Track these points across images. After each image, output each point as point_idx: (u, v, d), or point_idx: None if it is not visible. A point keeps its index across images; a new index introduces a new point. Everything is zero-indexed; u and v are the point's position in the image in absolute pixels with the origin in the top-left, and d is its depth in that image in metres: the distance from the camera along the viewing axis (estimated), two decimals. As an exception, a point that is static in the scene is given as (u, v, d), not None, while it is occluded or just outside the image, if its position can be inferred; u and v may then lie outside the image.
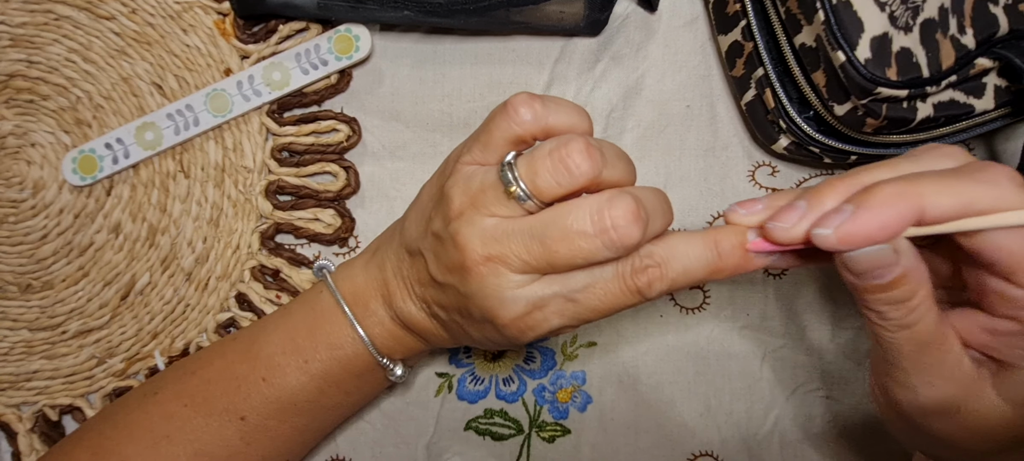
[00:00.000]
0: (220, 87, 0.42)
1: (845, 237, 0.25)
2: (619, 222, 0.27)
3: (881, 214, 0.24)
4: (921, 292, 0.26)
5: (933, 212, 0.24)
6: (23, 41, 0.42)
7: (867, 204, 0.25)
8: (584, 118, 0.30)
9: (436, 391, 0.44)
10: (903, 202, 0.24)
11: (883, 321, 0.26)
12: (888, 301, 0.26)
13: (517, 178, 0.28)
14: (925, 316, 0.26)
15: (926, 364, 0.27)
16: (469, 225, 0.29)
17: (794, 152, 0.40)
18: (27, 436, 0.43)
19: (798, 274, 0.43)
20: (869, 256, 0.25)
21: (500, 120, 0.29)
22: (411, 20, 0.39)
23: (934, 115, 0.34)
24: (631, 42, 0.43)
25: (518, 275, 0.29)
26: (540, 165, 0.28)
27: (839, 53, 0.33)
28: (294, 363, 0.35)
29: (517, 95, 0.29)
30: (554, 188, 0.28)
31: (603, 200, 0.27)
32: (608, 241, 0.27)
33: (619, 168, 0.29)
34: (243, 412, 0.35)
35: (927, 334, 0.26)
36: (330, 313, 0.36)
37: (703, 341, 0.44)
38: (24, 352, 0.44)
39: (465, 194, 0.30)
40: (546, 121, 0.29)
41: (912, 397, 0.28)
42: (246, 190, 0.43)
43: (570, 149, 0.27)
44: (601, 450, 0.44)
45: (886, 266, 0.25)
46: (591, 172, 0.28)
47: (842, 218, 0.25)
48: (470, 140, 0.31)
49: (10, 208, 0.43)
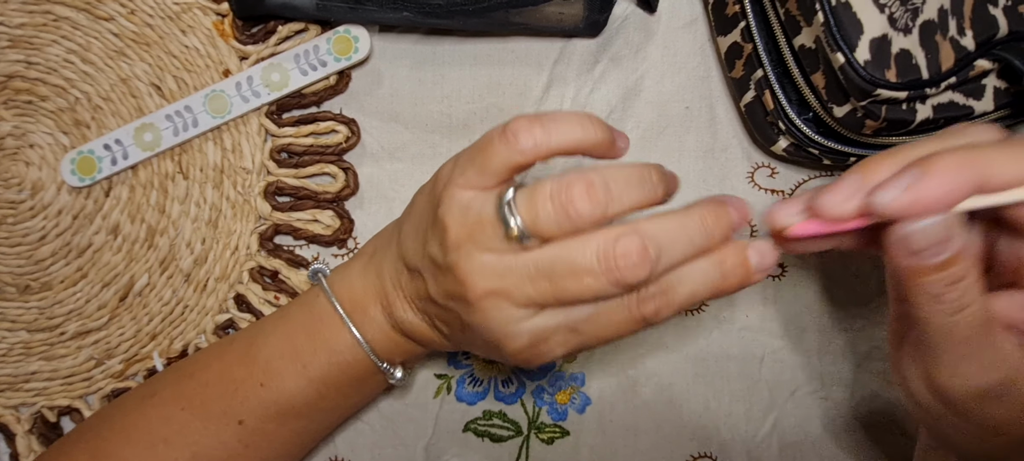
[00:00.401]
0: (219, 88, 0.42)
1: (912, 202, 0.24)
2: (624, 263, 0.26)
3: (947, 180, 0.24)
4: (974, 271, 0.25)
5: (996, 180, 0.24)
6: (22, 42, 0.42)
7: (932, 171, 0.24)
8: (587, 128, 0.29)
9: (435, 393, 0.44)
10: (968, 169, 0.24)
11: (939, 305, 0.25)
12: (946, 281, 0.25)
13: (518, 222, 0.27)
14: (978, 296, 0.25)
15: (981, 347, 0.26)
16: (468, 259, 0.28)
17: (793, 154, 0.40)
18: (25, 437, 0.43)
19: (799, 276, 0.43)
20: (931, 229, 0.24)
21: (499, 147, 0.28)
22: (410, 21, 0.39)
23: (933, 117, 0.34)
24: (630, 43, 0.43)
25: (522, 309, 0.29)
26: (541, 209, 0.27)
27: (838, 55, 0.33)
28: (293, 368, 0.35)
29: (517, 121, 0.28)
30: (556, 232, 0.27)
31: (610, 240, 0.27)
32: (615, 280, 0.27)
33: (630, 197, 0.28)
34: (241, 416, 0.35)
35: (981, 315, 0.26)
36: (328, 319, 0.35)
37: (702, 343, 0.44)
38: (22, 353, 0.44)
39: (462, 225, 0.29)
40: (548, 146, 0.28)
41: (960, 382, 0.27)
42: (245, 191, 0.43)
43: (572, 194, 0.26)
44: (600, 452, 0.44)
45: (945, 241, 0.24)
46: (594, 216, 0.27)
47: (906, 182, 0.24)
48: (465, 160, 0.29)
49: (8, 209, 0.43)
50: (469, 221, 0.28)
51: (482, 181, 0.29)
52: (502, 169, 0.28)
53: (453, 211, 0.29)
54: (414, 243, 0.32)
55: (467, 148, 0.30)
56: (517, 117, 0.28)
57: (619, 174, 0.28)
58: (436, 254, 0.30)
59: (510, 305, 0.29)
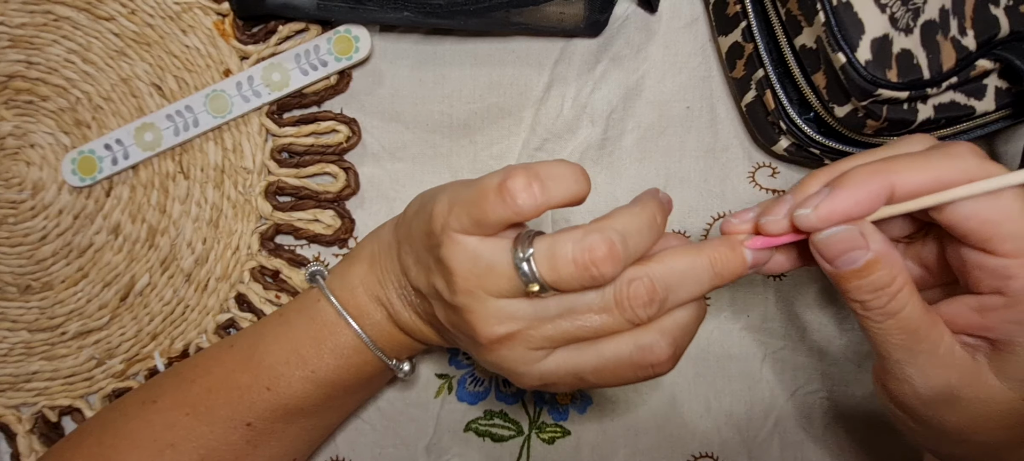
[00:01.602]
0: (219, 88, 0.42)
1: (823, 214, 0.26)
2: (636, 304, 0.28)
3: (855, 192, 0.26)
4: (899, 279, 0.27)
5: (903, 189, 0.26)
6: (22, 42, 0.42)
7: (842, 184, 0.26)
8: (581, 182, 0.28)
9: (436, 392, 0.44)
10: (875, 180, 0.26)
11: (867, 311, 0.27)
12: (868, 288, 0.27)
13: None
14: (908, 303, 0.27)
15: (918, 354, 0.27)
16: (482, 304, 0.29)
17: (794, 153, 0.40)
18: (26, 437, 0.43)
19: (799, 276, 0.43)
20: (838, 238, 0.26)
21: (496, 204, 0.27)
22: (411, 21, 0.39)
23: (935, 116, 0.34)
24: (631, 43, 0.43)
25: (535, 351, 0.29)
26: (563, 269, 0.27)
27: (840, 55, 0.33)
28: (300, 373, 0.35)
29: (515, 179, 0.27)
30: (577, 289, 0.28)
31: (623, 284, 0.28)
32: (628, 319, 0.28)
33: (643, 245, 0.28)
34: (248, 419, 0.35)
35: (913, 321, 0.27)
36: (333, 323, 0.35)
37: (703, 342, 0.44)
38: (23, 353, 0.44)
39: (471, 272, 0.28)
40: (546, 203, 0.28)
41: (908, 389, 0.28)
42: (246, 191, 0.43)
43: (596, 257, 0.27)
44: (601, 451, 0.44)
45: (856, 248, 0.26)
46: (616, 274, 0.28)
47: (820, 199, 0.26)
48: (460, 207, 0.28)
49: (9, 209, 0.43)
50: (479, 269, 0.28)
51: (480, 231, 0.28)
52: (498, 224, 0.28)
53: (458, 257, 0.28)
54: (417, 270, 0.32)
55: (462, 188, 0.29)
56: (514, 173, 0.27)
57: (632, 226, 0.28)
58: (443, 291, 0.30)
59: (524, 347, 0.29)
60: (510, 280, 0.28)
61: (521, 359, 0.29)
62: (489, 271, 0.28)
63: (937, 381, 0.27)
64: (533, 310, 0.29)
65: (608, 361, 0.29)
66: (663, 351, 0.29)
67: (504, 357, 0.29)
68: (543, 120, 0.43)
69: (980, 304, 0.27)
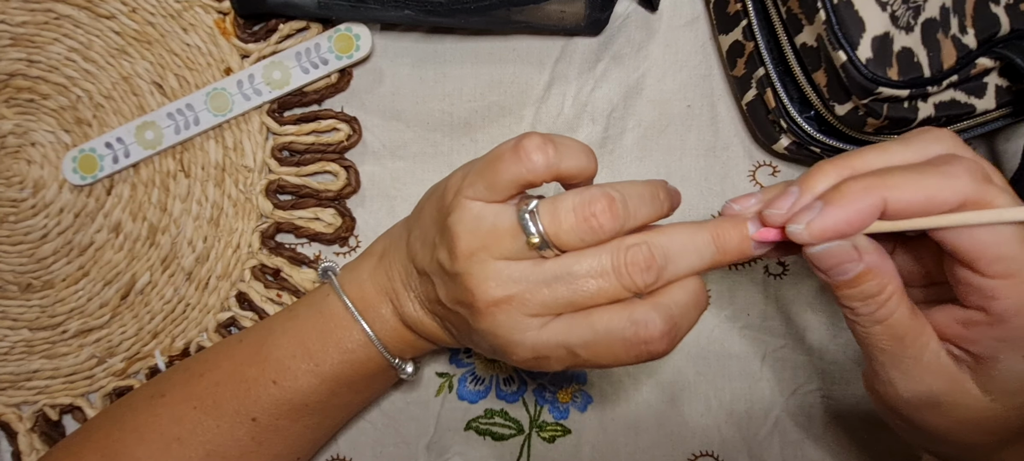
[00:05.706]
0: (220, 86, 0.42)
1: (816, 232, 0.26)
2: (634, 270, 0.28)
3: (847, 209, 0.26)
4: (889, 287, 0.27)
5: (895, 206, 0.26)
6: (23, 40, 0.42)
7: (834, 200, 0.26)
8: (592, 160, 0.30)
9: (437, 391, 0.44)
10: (868, 197, 0.26)
11: (855, 317, 0.28)
12: (858, 296, 0.27)
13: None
14: (896, 311, 0.27)
15: (903, 358, 0.28)
16: (481, 266, 0.29)
17: (795, 152, 0.40)
18: (27, 436, 0.43)
19: (799, 275, 0.43)
20: (831, 252, 0.27)
21: (510, 162, 0.29)
22: (412, 19, 0.39)
23: (935, 115, 0.34)
24: (632, 42, 0.43)
25: (531, 318, 0.29)
26: (564, 220, 0.28)
27: (840, 53, 0.33)
28: (305, 367, 0.35)
29: (530, 138, 0.29)
30: (577, 243, 0.28)
31: (621, 249, 0.28)
32: (626, 285, 0.28)
33: (643, 212, 0.29)
34: (254, 414, 0.35)
35: (900, 328, 0.27)
36: (340, 317, 0.35)
37: (704, 341, 0.44)
38: (24, 351, 0.44)
39: (474, 235, 0.29)
40: (558, 167, 0.29)
41: (892, 391, 0.29)
42: (246, 189, 0.43)
43: (595, 209, 0.28)
44: (601, 450, 0.44)
45: (848, 262, 0.26)
46: (614, 230, 0.28)
47: (813, 214, 0.26)
48: (474, 173, 0.30)
49: (10, 207, 0.43)
50: (482, 230, 0.29)
51: (491, 195, 0.29)
52: (512, 184, 0.29)
53: (464, 220, 0.29)
54: (423, 249, 0.32)
55: (477, 159, 0.31)
56: (529, 133, 0.29)
57: (634, 191, 0.29)
58: (445, 261, 0.30)
59: (520, 313, 0.29)
60: (513, 238, 0.29)
61: (516, 326, 0.29)
62: (492, 231, 0.29)
63: (920, 386, 0.28)
64: (532, 273, 0.29)
65: (600, 335, 0.29)
66: (657, 328, 0.28)
67: (500, 323, 0.29)
68: (544, 118, 0.43)
69: (966, 317, 0.27)
